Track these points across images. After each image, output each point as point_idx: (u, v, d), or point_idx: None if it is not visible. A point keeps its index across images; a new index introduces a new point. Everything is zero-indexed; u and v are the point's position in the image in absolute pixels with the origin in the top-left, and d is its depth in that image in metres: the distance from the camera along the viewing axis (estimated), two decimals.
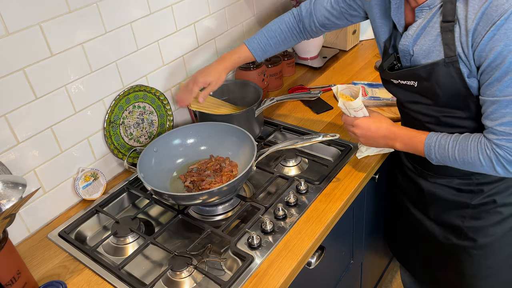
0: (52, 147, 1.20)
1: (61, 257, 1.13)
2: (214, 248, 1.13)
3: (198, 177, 1.25)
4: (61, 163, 1.23)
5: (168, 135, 1.33)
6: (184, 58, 1.51)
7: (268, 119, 1.58)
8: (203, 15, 1.52)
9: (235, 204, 1.25)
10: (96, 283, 1.05)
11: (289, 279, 1.02)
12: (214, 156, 1.34)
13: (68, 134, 1.23)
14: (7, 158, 1.11)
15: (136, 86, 1.35)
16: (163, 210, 1.30)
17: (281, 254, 1.05)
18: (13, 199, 0.91)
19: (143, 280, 1.08)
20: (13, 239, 1.17)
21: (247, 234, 1.11)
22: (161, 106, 1.44)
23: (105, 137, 1.32)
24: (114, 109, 1.31)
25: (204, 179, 1.24)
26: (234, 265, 1.07)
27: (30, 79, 1.10)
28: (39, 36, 1.09)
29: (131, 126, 1.38)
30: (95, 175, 1.31)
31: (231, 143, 1.32)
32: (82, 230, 1.24)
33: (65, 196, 1.27)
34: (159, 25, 1.38)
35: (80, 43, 1.18)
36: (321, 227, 1.11)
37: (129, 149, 1.38)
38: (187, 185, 1.24)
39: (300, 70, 1.90)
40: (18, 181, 0.95)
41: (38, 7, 1.06)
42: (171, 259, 1.06)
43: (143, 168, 1.20)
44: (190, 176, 1.26)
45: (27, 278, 1.00)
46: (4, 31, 1.02)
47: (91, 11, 1.18)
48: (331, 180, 1.26)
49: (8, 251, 0.94)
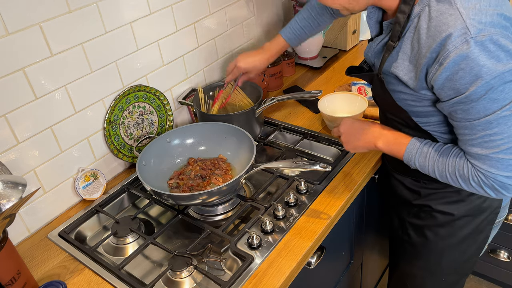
0: (52, 147, 1.20)
1: (61, 257, 1.13)
2: (214, 248, 1.13)
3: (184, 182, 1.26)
4: (61, 163, 1.23)
5: (167, 135, 1.33)
6: (184, 58, 1.51)
7: (268, 119, 1.58)
8: (203, 15, 1.52)
9: (235, 204, 1.25)
10: (96, 283, 1.05)
11: (289, 279, 1.02)
12: (194, 158, 1.34)
13: (68, 134, 1.23)
14: (7, 158, 1.11)
15: (136, 86, 1.35)
16: (163, 210, 1.30)
17: (281, 254, 1.05)
18: (13, 199, 0.91)
19: (143, 280, 1.08)
20: (13, 239, 1.17)
21: (247, 234, 1.11)
22: (161, 106, 1.45)
23: (105, 137, 1.32)
24: (114, 109, 1.31)
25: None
26: (234, 265, 1.07)
27: (30, 79, 1.10)
28: (39, 36, 1.09)
29: (131, 126, 1.38)
30: (95, 175, 1.31)
31: (230, 143, 1.32)
32: (82, 230, 1.24)
33: (65, 196, 1.27)
34: (159, 25, 1.38)
35: (80, 43, 1.18)
36: (321, 227, 1.11)
37: (129, 149, 1.38)
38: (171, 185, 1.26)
39: (300, 70, 1.90)
40: (18, 181, 0.95)
41: (38, 7, 1.06)
42: (171, 259, 1.06)
43: (143, 168, 1.20)
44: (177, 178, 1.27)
45: (27, 278, 1.00)
46: (4, 31, 1.02)
47: (91, 11, 1.18)
48: (331, 180, 1.26)
49: (8, 251, 0.94)
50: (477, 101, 0.82)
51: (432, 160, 0.98)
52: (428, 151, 0.99)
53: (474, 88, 0.80)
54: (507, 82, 0.79)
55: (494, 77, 0.79)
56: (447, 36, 0.81)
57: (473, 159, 0.90)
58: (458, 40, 0.79)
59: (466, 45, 0.78)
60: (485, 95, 0.81)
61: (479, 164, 0.89)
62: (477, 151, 0.89)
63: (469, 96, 0.82)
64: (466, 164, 0.92)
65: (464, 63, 0.80)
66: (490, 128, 0.84)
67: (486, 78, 0.79)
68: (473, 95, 0.82)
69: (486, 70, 0.78)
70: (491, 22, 0.79)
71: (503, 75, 0.79)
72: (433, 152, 0.98)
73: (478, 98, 0.82)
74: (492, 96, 0.80)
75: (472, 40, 0.78)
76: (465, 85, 0.81)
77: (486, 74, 0.79)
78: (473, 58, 0.78)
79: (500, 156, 0.86)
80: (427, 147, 0.99)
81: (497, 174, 0.88)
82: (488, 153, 0.87)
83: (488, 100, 0.81)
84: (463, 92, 0.82)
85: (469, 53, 0.78)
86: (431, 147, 0.99)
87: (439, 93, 0.87)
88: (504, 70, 0.78)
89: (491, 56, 0.78)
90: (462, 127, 0.89)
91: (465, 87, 0.81)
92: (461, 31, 0.79)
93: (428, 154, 0.99)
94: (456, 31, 0.79)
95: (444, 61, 0.81)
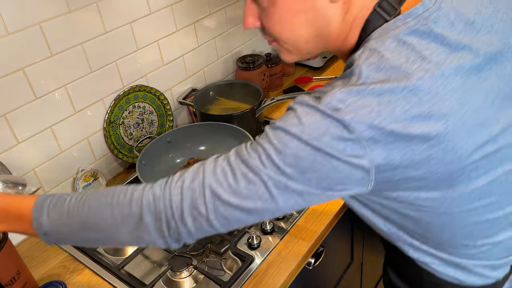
0: (52, 147, 1.20)
1: (61, 257, 1.13)
2: (214, 248, 1.13)
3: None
4: (61, 163, 1.23)
5: (167, 135, 1.33)
6: (184, 58, 1.51)
7: (268, 119, 1.58)
8: (203, 15, 1.52)
9: None
10: (96, 283, 1.05)
11: (289, 279, 1.02)
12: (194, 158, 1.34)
13: (68, 134, 1.23)
14: (7, 158, 1.11)
15: (136, 86, 1.35)
16: None
17: (281, 254, 1.05)
18: None
19: (143, 280, 1.08)
20: (13, 239, 1.16)
21: (247, 234, 1.11)
22: (161, 106, 1.44)
23: (105, 137, 1.32)
24: (114, 109, 1.31)
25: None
26: (234, 265, 1.07)
27: (30, 79, 1.10)
28: (39, 36, 1.09)
29: (131, 126, 1.38)
30: (95, 175, 1.31)
31: (230, 143, 1.32)
32: None
33: None
34: (159, 25, 1.38)
35: (80, 43, 1.18)
36: (321, 227, 1.11)
37: (129, 149, 1.38)
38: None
39: (300, 70, 1.90)
40: (18, 181, 0.95)
41: (38, 7, 1.06)
42: (171, 259, 1.06)
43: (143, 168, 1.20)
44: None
45: (27, 278, 1.00)
46: (4, 31, 1.02)
47: (91, 11, 1.18)
48: None
49: (8, 251, 0.94)
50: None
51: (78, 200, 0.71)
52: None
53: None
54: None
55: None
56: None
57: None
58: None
59: None
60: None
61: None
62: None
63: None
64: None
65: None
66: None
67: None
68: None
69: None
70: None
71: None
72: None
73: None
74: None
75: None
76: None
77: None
78: None
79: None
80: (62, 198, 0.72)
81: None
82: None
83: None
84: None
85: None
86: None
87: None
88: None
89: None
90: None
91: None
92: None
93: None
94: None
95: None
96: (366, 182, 0.63)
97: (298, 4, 0.68)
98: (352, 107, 0.60)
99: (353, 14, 0.68)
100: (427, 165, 0.62)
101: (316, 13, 0.68)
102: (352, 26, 0.70)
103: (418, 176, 0.64)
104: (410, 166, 0.62)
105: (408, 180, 0.64)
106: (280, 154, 0.62)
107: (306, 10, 0.68)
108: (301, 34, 0.71)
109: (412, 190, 0.66)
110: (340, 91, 0.61)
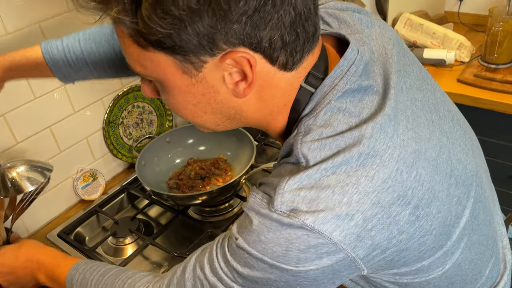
0: (51, 147, 1.20)
1: None
2: None
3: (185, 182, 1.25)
4: (60, 163, 1.23)
5: (167, 135, 1.32)
6: None
7: None
8: None
9: (235, 205, 1.25)
10: None
11: None
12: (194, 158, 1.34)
13: (67, 134, 1.22)
14: (7, 158, 1.10)
15: (136, 86, 1.35)
16: (162, 210, 1.30)
17: None
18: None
19: None
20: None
21: None
22: (160, 106, 1.44)
23: (104, 137, 1.31)
24: (113, 109, 1.31)
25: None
26: None
27: (29, 79, 1.09)
28: (39, 35, 1.08)
29: (130, 126, 1.38)
30: (94, 175, 1.30)
31: (230, 143, 1.32)
32: (81, 230, 1.23)
33: (64, 196, 1.26)
34: None
35: None
36: None
37: (129, 149, 1.38)
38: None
39: None
40: (45, 166, 0.96)
41: (37, 7, 1.06)
42: (171, 260, 1.06)
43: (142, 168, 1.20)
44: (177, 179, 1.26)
45: None
46: (4, 31, 1.02)
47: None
48: None
49: None
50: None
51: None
52: (91, 274, 0.79)
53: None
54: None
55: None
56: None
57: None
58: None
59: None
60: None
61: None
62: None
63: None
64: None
65: None
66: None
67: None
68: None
69: None
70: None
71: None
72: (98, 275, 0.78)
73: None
74: None
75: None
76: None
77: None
78: None
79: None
80: (92, 270, 0.79)
81: None
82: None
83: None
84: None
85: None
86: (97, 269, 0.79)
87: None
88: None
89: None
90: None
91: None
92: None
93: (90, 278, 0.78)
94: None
95: None
96: (358, 270, 0.57)
97: (196, 97, 0.58)
98: (308, 202, 0.53)
99: (276, 101, 0.60)
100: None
101: (221, 104, 0.59)
102: (279, 111, 0.61)
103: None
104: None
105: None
106: (247, 281, 0.58)
107: (208, 102, 0.59)
108: (206, 119, 0.62)
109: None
110: (288, 184, 0.54)
